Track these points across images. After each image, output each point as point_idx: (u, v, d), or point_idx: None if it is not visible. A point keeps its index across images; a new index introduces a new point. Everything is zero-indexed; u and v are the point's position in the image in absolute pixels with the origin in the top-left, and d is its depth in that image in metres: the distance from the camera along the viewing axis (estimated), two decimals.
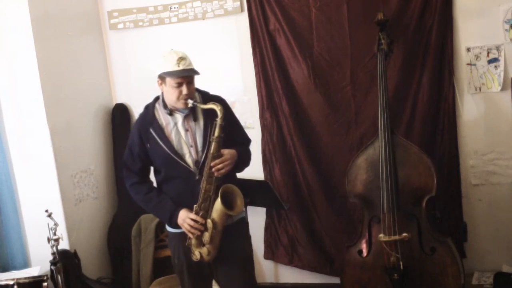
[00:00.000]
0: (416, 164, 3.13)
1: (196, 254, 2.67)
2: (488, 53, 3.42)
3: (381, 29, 3.33)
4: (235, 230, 2.77)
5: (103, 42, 4.24)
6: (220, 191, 2.59)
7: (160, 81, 2.70)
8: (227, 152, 2.64)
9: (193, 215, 2.64)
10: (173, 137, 2.70)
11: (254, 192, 3.60)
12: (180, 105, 2.67)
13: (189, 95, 2.64)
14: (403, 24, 3.49)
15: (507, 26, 3.36)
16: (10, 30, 3.51)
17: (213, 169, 2.59)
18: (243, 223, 2.91)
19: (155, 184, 2.87)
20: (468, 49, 3.46)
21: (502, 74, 3.41)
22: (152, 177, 2.90)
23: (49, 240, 2.97)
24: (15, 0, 3.47)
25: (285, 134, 3.85)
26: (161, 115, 2.74)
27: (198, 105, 2.65)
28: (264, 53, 3.82)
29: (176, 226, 2.71)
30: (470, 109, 3.51)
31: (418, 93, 3.53)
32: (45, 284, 3.02)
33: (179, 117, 2.72)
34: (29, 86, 3.54)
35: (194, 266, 2.76)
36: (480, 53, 3.44)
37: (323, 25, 3.66)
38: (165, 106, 2.73)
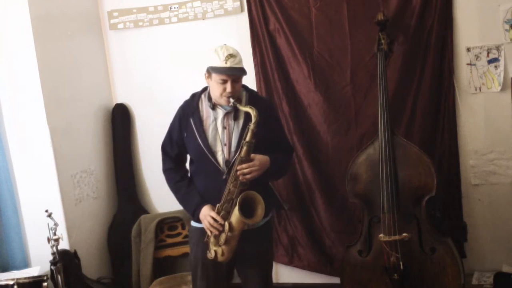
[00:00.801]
0: (416, 164, 3.13)
1: (212, 252, 2.66)
2: (488, 53, 3.42)
3: (381, 29, 3.33)
4: (259, 234, 2.75)
5: (103, 42, 4.24)
6: (239, 198, 2.56)
7: (207, 74, 2.68)
8: (257, 158, 2.60)
9: (214, 214, 2.62)
10: (210, 131, 2.69)
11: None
12: (222, 101, 2.65)
13: (232, 94, 2.61)
14: (403, 24, 3.49)
15: (507, 26, 3.36)
16: (10, 30, 3.51)
17: (238, 173, 2.57)
18: (268, 227, 2.86)
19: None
20: (468, 49, 3.46)
21: (502, 74, 3.41)
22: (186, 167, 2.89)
23: (49, 240, 2.97)
24: (15, 0, 3.47)
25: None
26: (204, 107, 2.73)
27: (238, 105, 2.62)
28: (264, 53, 3.82)
29: (199, 220, 2.71)
30: (470, 109, 3.51)
31: (418, 93, 3.53)
32: (45, 284, 3.03)
33: (220, 112, 2.70)
34: (29, 86, 3.54)
35: (210, 265, 2.75)
36: (480, 53, 3.44)
37: (323, 25, 3.66)
38: (209, 98, 2.72)
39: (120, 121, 4.21)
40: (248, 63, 3.87)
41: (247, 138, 2.57)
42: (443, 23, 3.45)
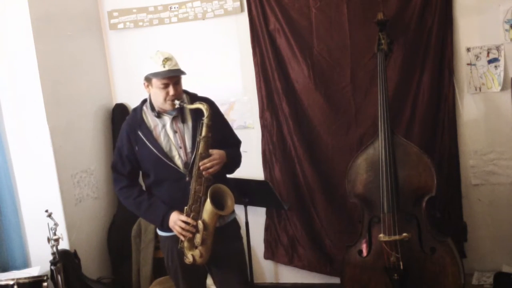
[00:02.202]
0: (416, 164, 3.13)
1: (189, 257, 2.65)
2: (488, 53, 3.42)
3: (381, 29, 3.32)
4: (228, 231, 2.76)
5: (103, 42, 4.24)
6: (209, 191, 2.57)
7: (146, 83, 2.68)
8: (216, 152, 2.62)
9: (183, 217, 2.61)
10: (162, 139, 2.68)
11: (254, 192, 3.61)
12: (167, 106, 2.65)
13: (176, 96, 2.62)
14: (403, 24, 3.49)
15: (507, 26, 3.36)
16: (10, 30, 3.51)
17: (201, 168, 2.57)
18: (236, 224, 2.88)
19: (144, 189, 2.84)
20: (468, 49, 3.46)
21: (502, 74, 3.41)
22: (141, 181, 2.87)
23: (49, 240, 2.97)
24: (15, 0, 3.47)
25: (285, 134, 3.85)
26: (149, 117, 2.73)
27: (185, 105, 2.63)
28: (264, 53, 3.82)
29: (169, 229, 2.69)
30: (470, 109, 3.52)
31: (418, 93, 3.53)
32: (45, 284, 3.03)
33: (167, 119, 2.71)
34: (29, 86, 3.54)
35: (188, 268, 2.74)
36: (480, 53, 3.44)
37: (323, 25, 3.66)
38: (152, 108, 2.71)
39: (120, 121, 4.18)
40: (248, 63, 3.89)
41: (203, 133, 2.57)
42: (443, 23, 3.45)
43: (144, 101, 2.80)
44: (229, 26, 3.93)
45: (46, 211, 3.00)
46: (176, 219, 2.63)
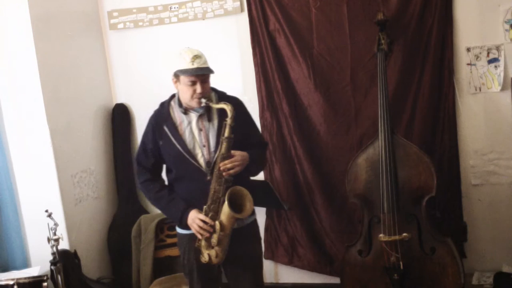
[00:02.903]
0: (416, 164, 3.13)
1: (205, 256, 2.65)
2: (488, 53, 3.42)
3: (381, 29, 3.33)
4: (247, 232, 2.75)
5: (103, 42, 4.24)
6: (227, 193, 2.56)
7: (174, 79, 2.68)
8: (238, 154, 2.61)
9: (202, 216, 2.61)
10: (186, 136, 2.68)
11: (254, 192, 3.59)
12: (193, 103, 2.65)
13: (203, 94, 2.62)
14: (403, 24, 3.49)
15: (507, 26, 3.36)
16: (10, 30, 3.51)
17: (221, 168, 2.56)
18: (255, 225, 2.87)
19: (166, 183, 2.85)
20: (468, 49, 3.46)
21: (502, 74, 3.41)
22: (163, 177, 2.88)
23: (49, 240, 2.97)
24: (15, 0, 3.47)
25: (285, 134, 3.85)
26: (176, 113, 2.73)
27: (210, 104, 2.62)
28: (264, 53, 3.82)
29: (186, 226, 2.69)
30: (470, 109, 3.51)
31: (418, 93, 3.53)
32: (45, 284, 3.02)
33: (193, 116, 2.70)
34: (29, 86, 3.54)
35: (203, 267, 2.74)
36: (480, 53, 3.44)
37: (323, 25, 3.66)
38: (180, 104, 2.71)
39: (120, 121, 4.21)
40: (248, 63, 3.89)
41: (226, 134, 2.57)
42: (443, 23, 3.45)
43: (173, 96, 2.79)
44: (229, 26, 3.93)
45: (46, 211, 3.00)
46: (194, 217, 2.63)
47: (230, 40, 3.96)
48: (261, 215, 3.99)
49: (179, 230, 2.83)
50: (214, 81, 3.94)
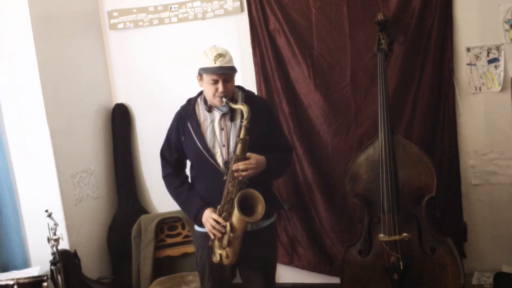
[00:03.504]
0: (416, 164, 3.13)
1: (217, 256, 2.66)
2: (488, 53, 3.42)
3: (381, 29, 3.33)
4: (261, 236, 2.73)
5: (103, 42, 4.24)
6: (237, 196, 2.56)
7: (199, 77, 2.69)
8: (253, 157, 2.59)
9: (215, 216, 2.61)
10: (208, 134, 2.69)
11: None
12: (215, 102, 2.66)
13: (224, 93, 2.61)
14: (403, 24, 3.49)
15: (507, 26, 3.36)
16: (10, 30, 3.51)
17: (234, 169, 2.56)
18: (271, 229, 2.86)
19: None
20: (468, 49, 3.46)
21: (502, 74, 3.41)
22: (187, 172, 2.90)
23: (49, 240, 2.97)
24: (15, 0, 3.47)
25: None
26: (201, 110, 2.74)
27: (230, 104, 2.61)
28: (264, 53, 3.82)
29: (201, 224, 2.70)
30: (470, 109, 3.51)
31: (418, 93, 3.53)
32: (45, 284, 3.02)
33: (217, 114, 2.70)
34: (29, 86, 3.54)
35: (215, 266, 2.74)
36: (480, 53, 3.44)
37: (323, 25, 3.66)
38: (205, 101, 2.73)
39: (120, 121, 4.20)
40: (248, 63, 3.89)
41: (241, 136, 2.56)
42: (443, 23, 3.45)
43: (201, 92, 2.80)
44: (229, 26, 3.93)
45: (46, 211, 3.00)
46: (208, 216, 2.64)
47: (230, 40, 3.95)
48: None
49: (196, 227, 2.85)
50: None
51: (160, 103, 4.05)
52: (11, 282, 2.94)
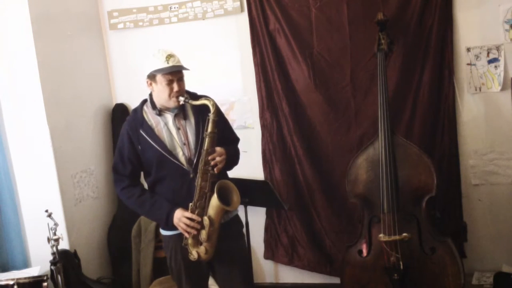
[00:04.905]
0: (416, 164, 3.13)
1: (194, 254, 2.64)
2: (488, 53, 3.42)
3: (381, 29, 3.32)
4: (230, 228, 2.76)
5: (103, 42, 4.24)
6: (216, 186, 2.57)
7: (149, 81, 2.69)
8: (219, 148, 2.63)
9: (188, 214, 2.61)
10: (164, 136, 2.69)
11: (254, 192, 3.60)
12: (171, 103, 2.66)
13: (180, 92, 2.64)
14: (403, 24, 3.49)
15: (507, 26, 3.36)
16: (10, 30, 3.51)
17: (212, 163, 2.58)
18: (238, 220, 2.89)
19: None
20: (468, 49, 3.46)
21: (502, 74, 3.41)
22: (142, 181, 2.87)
23: (49, 240, 2.97)
24: (15, 0, 3.47)
25: (285, 134, 3.84)
26: (150, 116, 2.73)
27: (190, 101, 2.63)
28: (264, 53, 3.82)
29: (173, 227, 2.68)
30: (470, 109, 3.51)
31: (418, 93, 3.53)
32: (45, 284, 3.02)
33: (169, 116, 2.71)
34: (29, 86, 3.54)
35: (191, 267, 2.74)
36: (480, 53, 3.44)
37: (323, 25, 3.66)
38: (153, 106, 2.72)
39: (120, 121, 4.19)
40: (248, 63, 3.89)
41: (210, 129, 2.59)
42: (443, 23, 3.45)
43: (144, 101, 2.80)
44: (229, 26, 3.93)
45: (46, 211, 3.00)
46: (180, 216, 2.63)
47: (230, 40, 3.96)
48: (261, 215, 4.00)
49: (164, 232, 2.82)
50: (215, 81, 3.97)
51: None
52: (11, 282, 2.94)
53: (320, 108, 3.73)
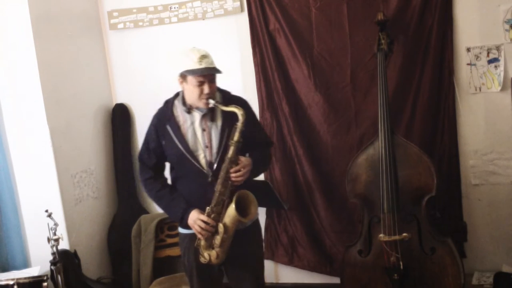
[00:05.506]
0: (416, 164, 3.13)
1: (205, 256, 2.65)
2: (488, 53, 3.42)
3: (381, 29, 3.33)
4: (248, 234, 2.74)
5: (103, 42, 4.24)
6: (235, 196, 2.55)
7: (181, 79, 2.65)
8: (244, 160, 2.60)
9: (204, 217, 2.60)
10: (189, 136, 2.66)
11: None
12: (200, 104, 2.62)
13: (211, 95, 2.60)
14: (403, 24, 3.49)
15: (507, 26, 3.36)
16: (10, 30, 3.51)
17: (233, 176, 2.55)
18: (256, 226, 2.86)
19: (169, 181, 2.85)
20: (468, 49, 3.46)
21: (502, 74, 3.41)
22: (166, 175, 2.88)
23: (49, 240, 2.97)
24: (15, 0, 3.47)
25: (285, 134, 3.84)
26: (179, 112, 2.70)
27: (219, 106, 2.59)
28: (264, 53, 3.82)
29: (187, 226, 2.68)
30: (470, 109, 3.51)
31: (418, 93, 3.53)
32: (45, 284, 3.02)
33: (197, 115, 2.67)
34: (29, 86, 3.54)
35: (203, 268, 2.74)
36: (480, 53, 3.44)
37: (323, 25, 3.67)
38: (184, 103, 2.69)
39: (120, 121, 4.21)
40: (248, 63, 3.89)
41: (235, 138, 2.55)
42: (443, 23, 3.45)
43: (177, 94, 2.77)
44: (229, 26, 3.93)
45: (46, 211, 3.00)
46: (195, 218, 2.62)
47: (230, 40, 3.96)
48: (261, 215, 3.99)
49: (180, 229, 2.82)
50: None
51: (160, 103, 4.02)
52: (11, 282, 2.93)
53: (320, 108, 3.73)
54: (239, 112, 2.55)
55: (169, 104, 2.76)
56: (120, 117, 4.20)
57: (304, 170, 3.82)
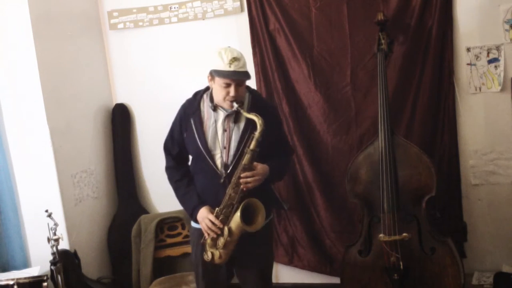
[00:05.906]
0: (416, 164, 3.13)
1: (209, 254, 2.66)
2: (488, 53, 3.42)
3: (381, 29, 3.33)
4: (260, 235, 2.71)
5: (103, 42, 4.24)
6: (242, 204, 2.56)
7: (210, 77, 2.65)
8: (260, 168, 2.59)
9: (212, 217, 2.61)
10: (209, 133, 2.66)
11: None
12: (225, 105, 2.62)
13: (236, 98, 2.57)
14: (403, 24, 3.49)
15: (507, 26, 3.36)
16: (10, 30, 3.51)
17: (242, 181, 2.55)
18: (269, 228, 2.85)
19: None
20: (468, 49, 3.46)
21: (502, 74, 3.41)
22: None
23: (49, 240, 2.97)
24: (15, 0, 3.47)
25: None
26: (205, 107, 2.70)
27: (242, 111, 2.58)
28: (264, 53, 3.82)
29: (197, 220, 2.70)
30: (470, 109, 3.51)
31: (418, 93, 3.53)
32: (45, 284, 3.02)
33: (221, 114, 2.67)
34: (29, 86, 3.53)
35: (209, 266, 2.74)
36: (480, 53, 3.44)
37: (323, 25, 3.66)
38: (211, 99, 2.69)
39: (120, 121, 4.20)
40: (248, 63, 3.85)
41: (251, 147, 2.54)
42: (443, 23, 3.45)
43: (207, 88, 2.76)
44: (229, 26, 3.93)
45: (46, 211, 3.00)
46: (204, 216, 2.63)
47: (230, 40, 3.93)
48: None
49: (192, 223, 2.84)
50: None
51: (160, 103, 4.05)
52: (11, 282, 2.94)
53: (320, 108, 3.73)
54: (258, 120, 2.53)
55: (197, 96, 2.76)
56: (120, 117, 4.20)
57: (304, 170, 3.82)
